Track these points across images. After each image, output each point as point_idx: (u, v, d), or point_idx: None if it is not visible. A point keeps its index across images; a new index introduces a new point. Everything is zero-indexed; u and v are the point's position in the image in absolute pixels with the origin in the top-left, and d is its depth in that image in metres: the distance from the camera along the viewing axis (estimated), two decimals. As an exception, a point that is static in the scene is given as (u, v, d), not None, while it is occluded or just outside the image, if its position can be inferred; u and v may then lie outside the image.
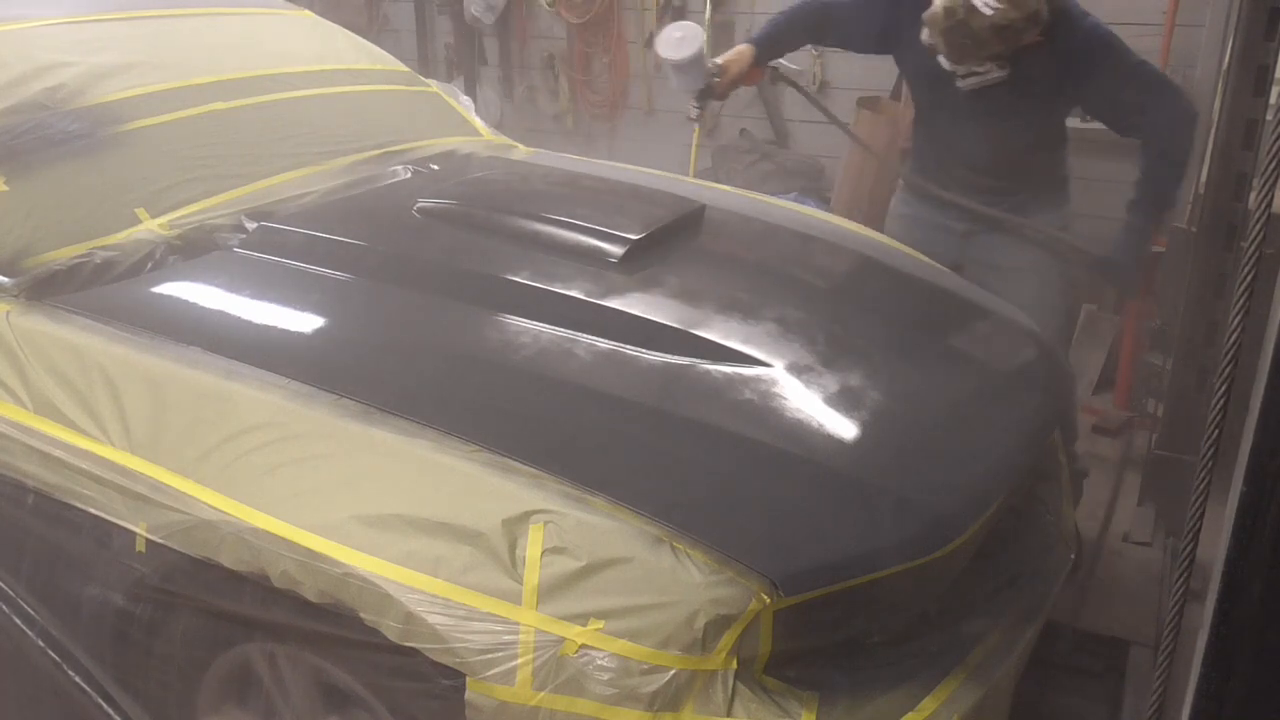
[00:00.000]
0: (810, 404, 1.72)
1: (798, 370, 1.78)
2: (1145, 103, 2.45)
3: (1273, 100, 2.40)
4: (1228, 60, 2.77)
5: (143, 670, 1.69)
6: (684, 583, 1.38)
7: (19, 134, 2.05)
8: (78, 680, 1.74)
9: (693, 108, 2.79)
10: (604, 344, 1.78)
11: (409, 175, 2.53)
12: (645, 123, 5.24)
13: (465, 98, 3.33)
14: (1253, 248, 0.97)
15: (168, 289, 1.92)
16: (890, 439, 1.74)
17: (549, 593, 1.37)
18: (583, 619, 1.36)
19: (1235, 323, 0.98)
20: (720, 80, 2.75)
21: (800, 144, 4.82)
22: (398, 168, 2.54)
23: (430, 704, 1.43)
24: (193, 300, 1.91)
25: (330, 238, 2.05)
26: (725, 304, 1.96)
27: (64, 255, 1.94)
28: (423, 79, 3.20)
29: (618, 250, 2.03)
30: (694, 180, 2.99)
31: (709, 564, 1.40)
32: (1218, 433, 1.03)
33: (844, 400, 1.75)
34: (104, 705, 1.74)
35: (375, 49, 3.17)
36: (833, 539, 1.52)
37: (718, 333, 1.84)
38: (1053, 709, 2.23)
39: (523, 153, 2.96)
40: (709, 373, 1.74)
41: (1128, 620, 2.49)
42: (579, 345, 1.77)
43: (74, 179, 2.08)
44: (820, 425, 1.69)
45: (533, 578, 1.37)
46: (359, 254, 2.02)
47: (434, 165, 2.61)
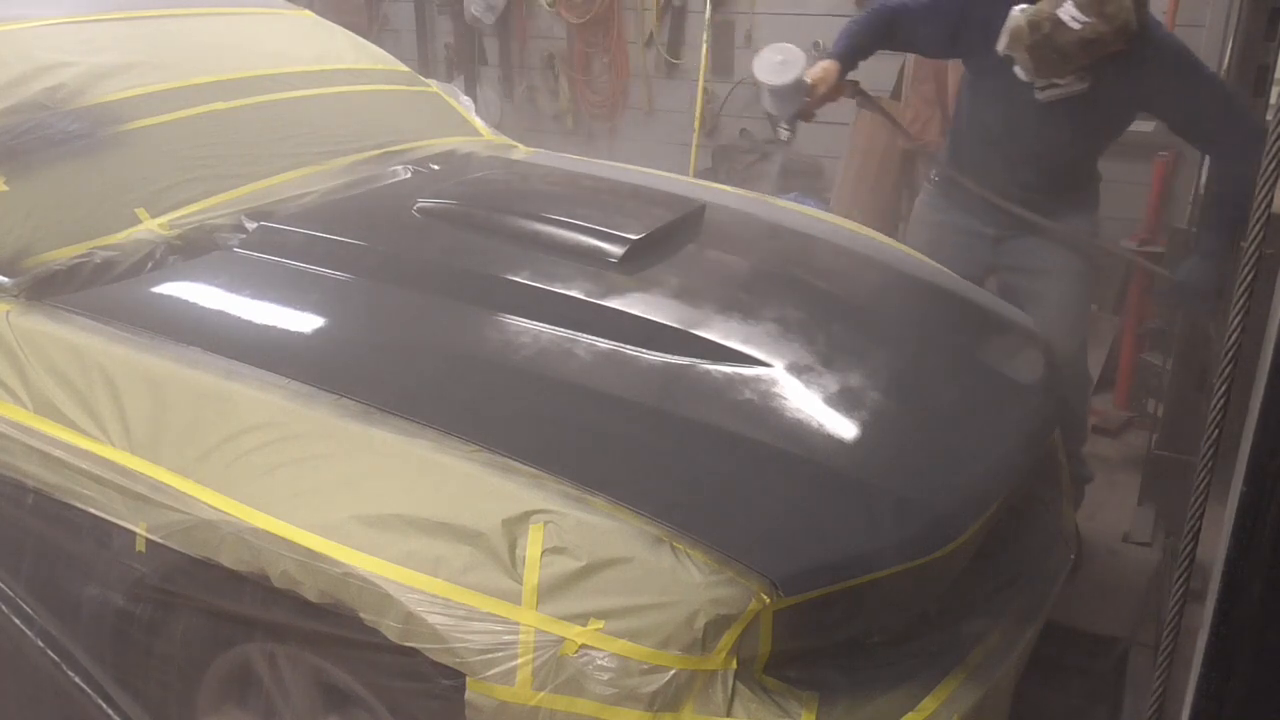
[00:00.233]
0: (810, 404, 1.72)
1: (798, 370, 1.78)
2: (1220, 119, 2.38)
3: (1273, 100, 2.39)
4: (1228, 60, 2.77)
5: (143, 670, 1.69)
6: (684, 583, 1.38)
7: (19, 134, 2.05)
8: (78, 680, 1.74)
9: (783, 130, 2.68)
10: (604, 344, 1.78)
11: (409, 175, 2.53)
12: (645, 123, 5.24)
13: (465, 98, 3.33)
14: (1253, 248, 0.98)
15: (168, 289, 1.92)
16: (890, 439, 1.74)
17: (549, 593, 1.37)
18: (583, 619, 1.36)
19: (1235, 323, 0.98)
20: (810, 99, 2.66)
21: (800, 144, 4.81)
22: (398, 168, 2.54)
23: (430, 704, 1.43)
24: (193, 300, 1.91)
25: (330, 238, 2.05)
26: (725, 304, 1.96)
27: (64, 255, 1.93)
28: (423, 79, 3.20)
29: (618, 250, 2.03)
30: (694, 180, 2.98)
31: (709, 564, 1.40)
32: (1218, 433, 1.03)
33: (844, 400, 1.75)
34: (104, 705, 1.74)
35: (375, 49, 3.16)
36: (832, 539, 1.52)
37: (718, 333, 1.84)
38: (1053, 709, 2.23)
39: (523, 153, 2.96)
40: (709, 373, 1.74)
41: (1128, 620, 2.49)
42: (579, 345, 1.77)
43: (74, 179, 2.08)
44: (820, 425, 1.69)
45: (533, 578, 1.37)
46: (359, 254, 2.02)
47: (434, 165, 2.61)
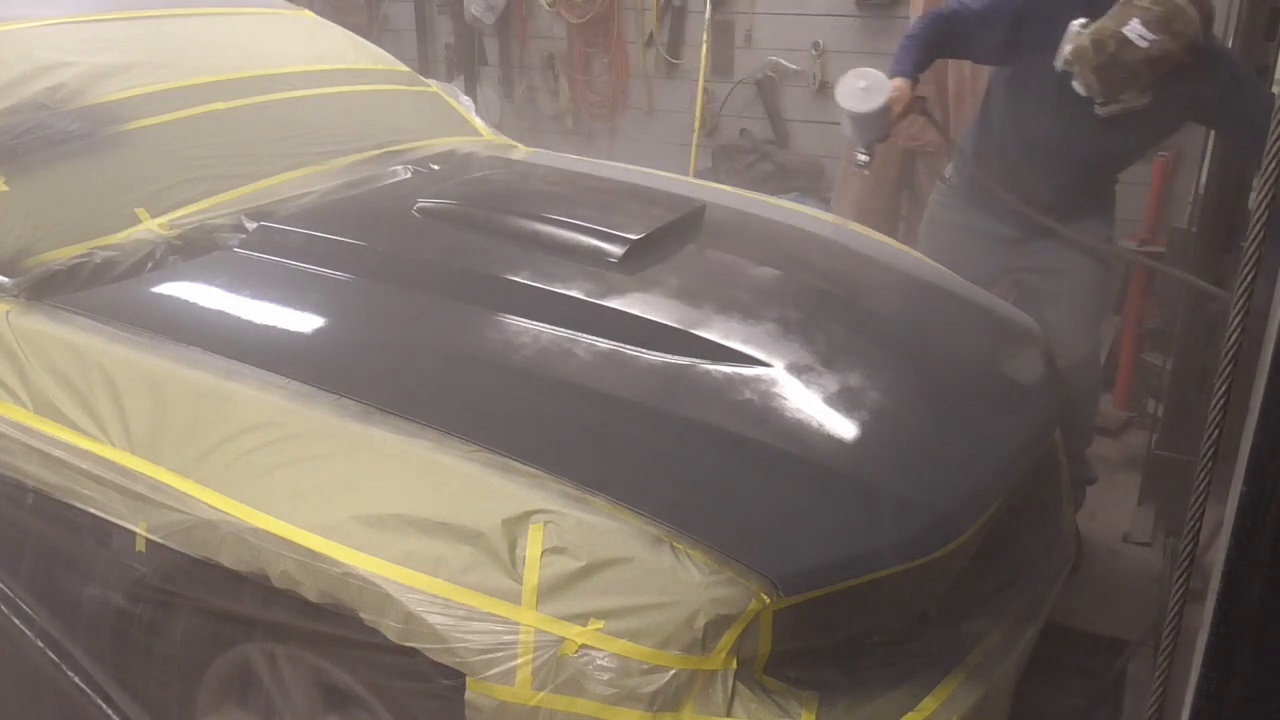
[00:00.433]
0: (810, 404, 1.72)
1: (798, 370, 1.78)
2: (1246, 109, 2.33)
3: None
4: (1227, 60, 2.77)
5: (143, 670, 1.69)
6: (684, 583, 1.38)
7: (19, 134, 2.05)
8: (78, 680, 1.74)
9: (861, 154, 2.62)
10: (604, 344, 1.78)
11: (409, 175, 2.53)
12: (645, 123, 5.24)
13: (465, 98, 3.33)
14: (1253, 248, 0.97)
15: (168, 289, 1.92)
16: (890, 439, 1.74)
17: (549, 593, 1.37)
18: (583, 619, 1.36)
19: (1235, 323, 0.98)
20: (889, 120, 2.59)
21: (800, 144, 4.82)
22: (398, 168, 2.54)
23: (430, 704, 1.43)
24: (193, 300, 1.91)
25: (330, 238, 2.05)
26: (725, 304, 1.96)
27: (64, 255, 1.94)
28: (423, 79, 3.20)
29: (618, 250, 2.03)
30: (694, 180, 2.97)
31: (709, 564, 1.40)
32: (1218, 433, 1.03)
33: (844, 400, 1.75)
34: (104, 705, 1.74)
35: (375, 49, 3.16)
36: (832, 539, 1.52)
37: (718, 333, 1.84)
38: (1053, 709, 2.23)
39: (523, 153, 2.96)
40: (709, 373, 1.74)
41: (1128, 620, 2.49)
42: (579, 345, 1.77)
43: (74, 179, 2.08)
44: (820, 425, 1.69)
45: (533, 578, 1.37)
46: (359, 254, 2.02)
47: (434, 165, 2.62)
